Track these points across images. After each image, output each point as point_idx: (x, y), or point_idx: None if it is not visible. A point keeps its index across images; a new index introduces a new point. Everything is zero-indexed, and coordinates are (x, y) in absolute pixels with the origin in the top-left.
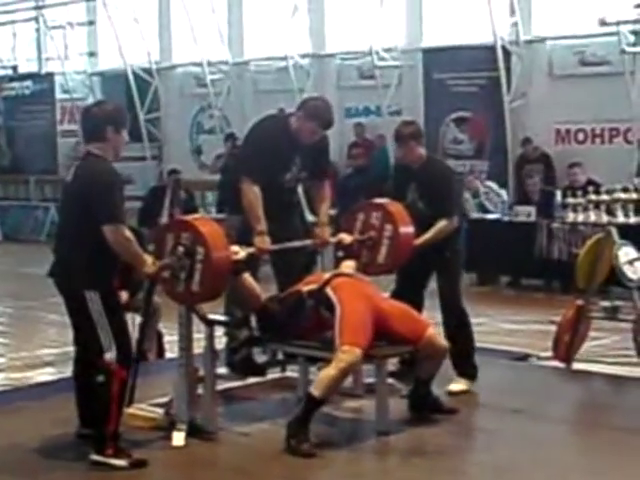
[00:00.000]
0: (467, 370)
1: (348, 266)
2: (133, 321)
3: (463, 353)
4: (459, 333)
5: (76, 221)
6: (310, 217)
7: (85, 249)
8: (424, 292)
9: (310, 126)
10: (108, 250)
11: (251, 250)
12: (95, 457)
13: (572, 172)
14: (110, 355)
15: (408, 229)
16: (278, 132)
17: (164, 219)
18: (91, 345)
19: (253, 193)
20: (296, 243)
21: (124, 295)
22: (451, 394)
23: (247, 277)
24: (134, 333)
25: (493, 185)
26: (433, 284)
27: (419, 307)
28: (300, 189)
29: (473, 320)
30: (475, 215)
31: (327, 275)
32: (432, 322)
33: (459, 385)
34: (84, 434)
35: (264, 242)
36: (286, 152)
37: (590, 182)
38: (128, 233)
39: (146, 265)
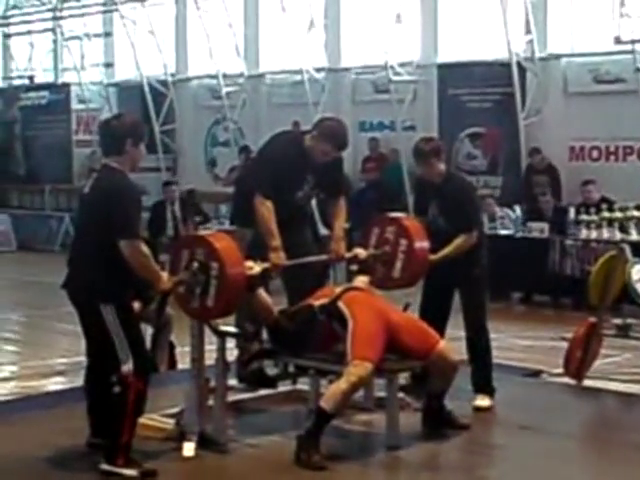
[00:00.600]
0: (487, 387)
1: (361, 281)
2: (145, 332)
3: (484, 371)
4: (482, 351)
5: (92, 234)
6: (323, 230)
7: (101, 262)
8: (449, 309)
9: (324, 147)
10: (124, 263)
11: (266, 265)
12: (106, 467)
13: (586, 189)
14: (127, 367)
15: (423, 244)
16: (292, 150)
17: (170, 231)
18: (108, 357)
19: (266, 209)
20: (312, 258)
21: (136, 305)
22: (478, 410)
23: (261, 292)
24: (146, 344)
25: (510, 212)
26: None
27: (444, 324)
28: (313, 202)
29: None
30: (488, 231)
31: (339, 289)
32: (450, 338)
33: (485, 401)
34: (95, 443)
35: (279, 258)
36: (299, 170)
37: (604, 199)
38: (145, 248)
39: (162, 281)
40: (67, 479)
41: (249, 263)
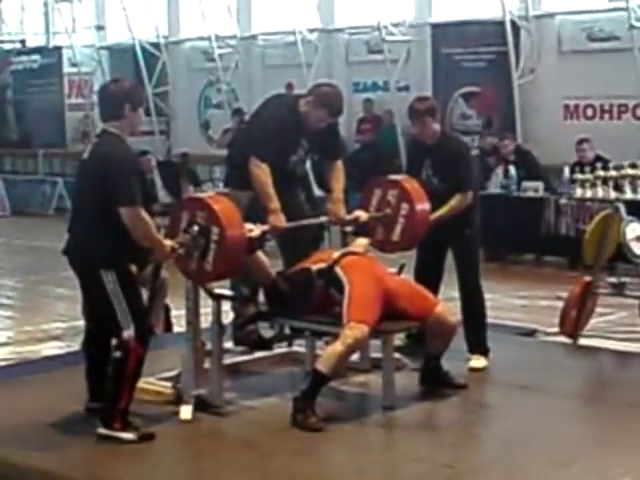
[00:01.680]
0: (481, 347)
1: (360, 244)
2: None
3: (478, 330)
4: (476, 312)
5: (92, 200)
6: (318, 192)
7: (101, 228)
8: (442, 269)
9: (319, 114)
10: (124, 229)
11: (265, 228)
12: (103, 431)
13: (581, 148)
14: (128, 333)
15: (424, 207)
16: (287, 114)
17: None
18: (109, 323)
19: (262, 172)
20: (311, 220)
21: (132, 269)
22: (473, 370)
23: (259, 254)
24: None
25: (511, 168)
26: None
27: (437, 283)
28: (308, 164)
29: None
30: (482, 191)
31: (336, 254)
32: (445, 298)
33: (480, 362)
34: (93, 408)
35: (279, 220)
36: (294, 134)
37: (598, 158)
38: (145, 215)
39: (163, 248)
40: (65, 443)
41: (249, 225)
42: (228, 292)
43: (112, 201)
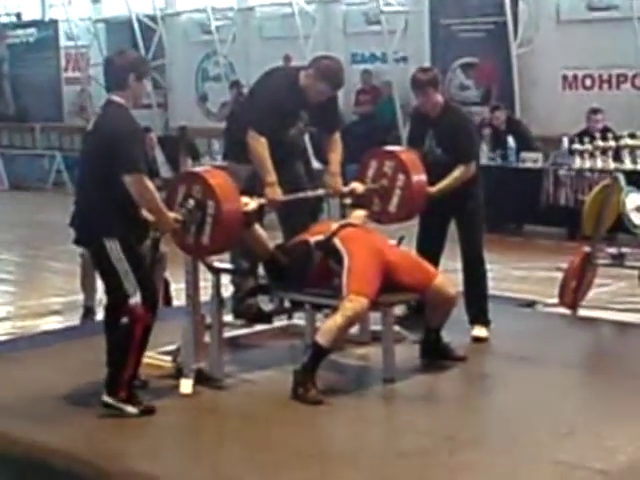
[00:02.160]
0: (483, 317)
1: (358, 216)
2: None
3: (480, 301)
4: (478, 282)
5: (96, 171)
6: (316, 164)
7: (105, 198)
8: (444, 241)
9: (320, 87)
10: (128, 199)
11: (262, 201)
12: (107, 399)
13: (595, 118)
14: (135, 300)
15: (421, 178)
16: (286, 87)
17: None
18: (116, 292)
19: (260, 144)
20: (308, 193)
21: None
22: (475, 340)
23: (257, 227)
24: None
25: (510, 140)
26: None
27: (438, 255)
28: (306, 137)
29: None
30: (481, 162)
31: (335, 225)
32: (446, 270)
33: (482, 331)
34: None
35: (275, 193)
36: (293, 107)
37: (606, 129)
38: (149, 184)
39: (167, 220)
40: (66, 418)
41: (245, 199)
42: (228, 266)
43: (117, 169)
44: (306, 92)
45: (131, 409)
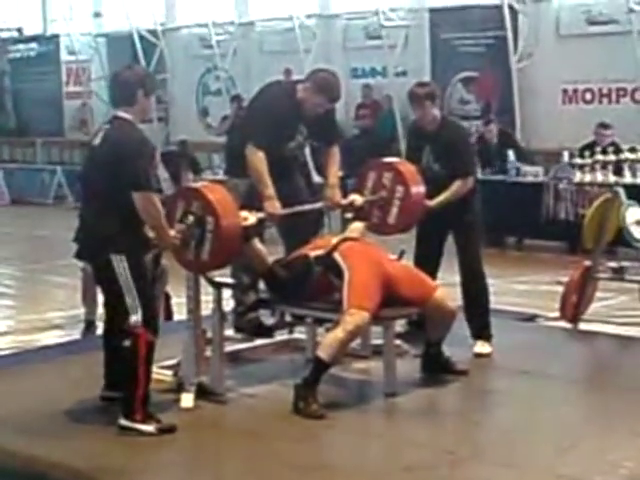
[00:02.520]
0: (484, 332)
1: (356, 228)
2: None
3: (481, 316)
4: (478, 296)
5: (102, 186)
6: (317, 178)
7: (112, 214)
8: (441, 254)
9: (317, 100)
10: (134, 214)
11: (261, 215)
12: (123, 422)
13: (603, 133)
14: (136, 318)
15: (419, 189)
16: (285, 101)
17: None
18: (118, 308)
19: (258, 159)
20: (307, 206)
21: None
22: (478, 356)
23: (255, 242)
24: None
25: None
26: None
27: (436, 269)
28: (307, 150)
29: None
30: (481, 176)
31: (335, 240)
32: (444, 283)
33: (485, 348)
34: (108, 397)
35: (274, 207)
36: (292, 121)
37: (614, 144)
38: (157, 201)
39: (168, 237)
40: (67, 432)
41: (244, 213)
42: (229, 280)
43: (126, 186)
44: (303, 105)
45: (148, 428)
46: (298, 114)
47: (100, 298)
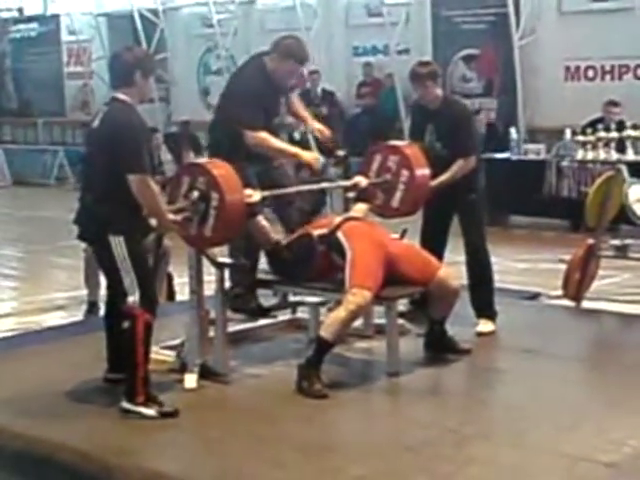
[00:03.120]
0: (489, 311)
1: (360, 209)
2: None
3: (486, 295)
4: (483, 275)
5: (101, 167)
6: (321, 159)
7: (110, 195)
8: (447, 234)
9: (286, 66)
10: (133, 197)
11: (265, 193)
12: (126, 405)
13: (614, 111)
14: (133, 299)
15: (424, 173)
16: (259, 77)
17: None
18: (116, 289)
19: (264, 138)
20: (311, 186)
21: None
22: (480, 335)
23: (260, 218)
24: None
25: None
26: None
27: (442, 249)
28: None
29: None
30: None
31: (338, 219)
32: (450, 263)
33: (488, 326)
34: (111, 378)
35: (309, 156)
36: (271, 96)
37: (621, 122)
38: (152, 184)
39: (166, 219)
40: (71, 413)
41: (248, 191)
42: (231, 260)
43: (122, 168)
44: (276, 76)
45: (150, 412)
46: (274, 87)
47: (103, 279)
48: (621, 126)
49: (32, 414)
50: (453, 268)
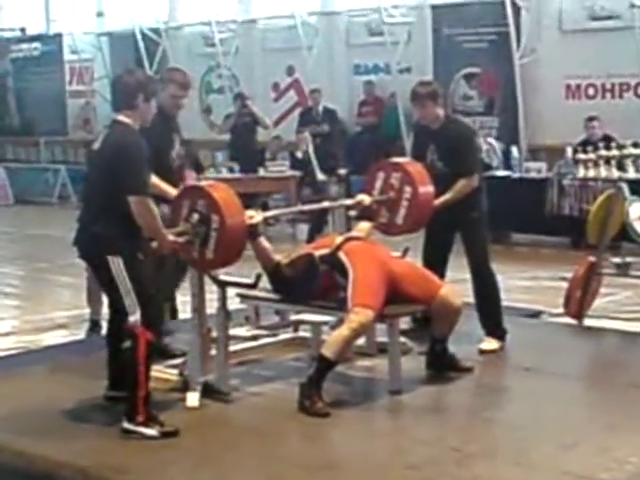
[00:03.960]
0: (496, 330)
1: (363, 228)
2: None
3: (492, 313)
4: (488, 293)
5: (101, 189)
6: (321, 176)
7: (109, 215)
8: (449, 252)
9: (170, 90)
10: (132, 218)
11: (267, 214)
12: (126, 425)
13: (590, 125)
14: (134, 318)
15: (427, 190)
16: (156, 120)
17: None
18: (117, 308)
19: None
20: (312, 206)
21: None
22: (482, 352)
23: (261, 240)
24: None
25: (494, 142)
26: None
27: (444, 267)
28: (310, 149)
29: None
30: (486, 172)
31: (339, 239)
32: (454, 280)
33: (491, 344)
34: (111, 396)
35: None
36: (166, 132)
37: (606, 137)
38: (153, 206)
39: (165, 241)
40: (72, 432)
41: (250, 212)
42: (233, 278)
43: (122, 190)
44: (166, 106)
45: (151, 431)
46: (167, 122)
47: (105, 298)
48: (607, 143)
49: (33, 432)
50: (456, 286)
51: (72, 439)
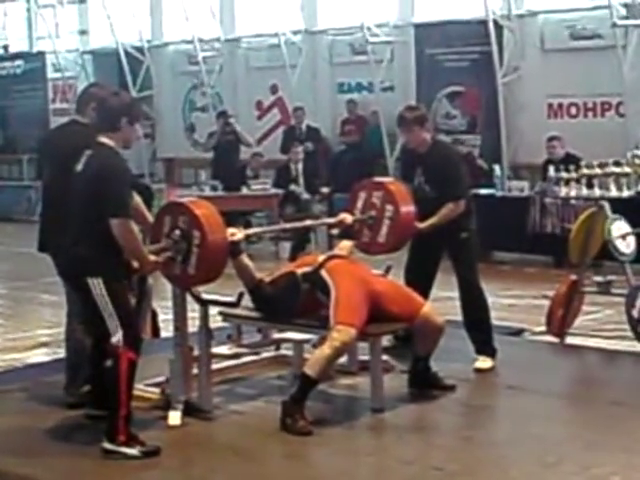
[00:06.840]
0: (487, 348)
1: (345, 247)
2: None
3: (483, 331)
4: (479, 313)
5: (83, 210)
6: (306, 195)
7: (89, 237)
8: (435, 272)
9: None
10: (113, 240)
11: (249, 231)
12: (107, 445)
13: (551, 145)
14: (116, 338)
15: (409, 209)
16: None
17: None
18: (99, 330)
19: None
20: (294, 224)
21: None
22: (478, 371)
23: (243, 257)
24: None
25: (497, 168)
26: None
27: (428, 286)
28: (300, 166)
29: None
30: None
31: (321, 257)
32: (438, 297)
33: (486, 363)
34: (93, 415)
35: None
36: None
37: (569, 155)
38: (135, 228)
39: (147, 263)
40: (51, 451)
41: (231, 229)
42: (215, 297)
43: (103, 212)
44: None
45: (132, 451)
46: None
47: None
48: (573, 160)
49: (14, 452)
50: (440, 304)
51: (53, 459)
